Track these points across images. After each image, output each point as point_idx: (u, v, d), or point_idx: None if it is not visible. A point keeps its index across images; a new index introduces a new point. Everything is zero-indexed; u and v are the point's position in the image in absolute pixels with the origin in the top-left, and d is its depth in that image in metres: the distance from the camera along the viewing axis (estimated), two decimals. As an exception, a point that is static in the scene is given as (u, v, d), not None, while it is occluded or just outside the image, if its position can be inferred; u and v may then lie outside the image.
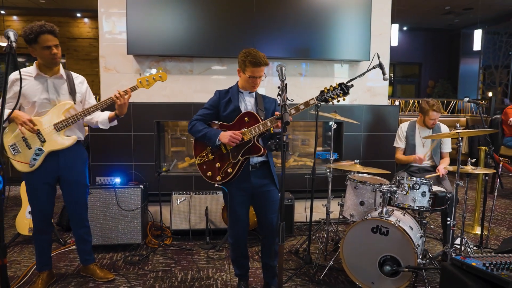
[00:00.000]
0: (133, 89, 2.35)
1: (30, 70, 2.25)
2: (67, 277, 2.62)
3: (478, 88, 10.21)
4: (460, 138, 2.40)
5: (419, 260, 2.31)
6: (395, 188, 2.51)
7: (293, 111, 2.02)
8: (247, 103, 2.25)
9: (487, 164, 3.68)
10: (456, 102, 8.48)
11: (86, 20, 9.89)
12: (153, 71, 2.34)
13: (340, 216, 3.05)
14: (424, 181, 2.49)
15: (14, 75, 2.19)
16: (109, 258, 2.95)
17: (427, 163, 3.19)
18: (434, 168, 3.16)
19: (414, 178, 2.51)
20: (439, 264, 2.70)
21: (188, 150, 3.92)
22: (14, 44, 1.55)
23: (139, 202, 3.09)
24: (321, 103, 2.04)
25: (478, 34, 6.82)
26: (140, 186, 3.11)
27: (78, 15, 9.62)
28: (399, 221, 2.38)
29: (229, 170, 2.16)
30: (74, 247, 3.12)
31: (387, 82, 3.85)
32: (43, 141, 2.22)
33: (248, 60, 2.11)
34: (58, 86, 2.28)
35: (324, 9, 3.51)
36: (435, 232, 3.58)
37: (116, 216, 3.04)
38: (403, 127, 3.34)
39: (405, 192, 2.49)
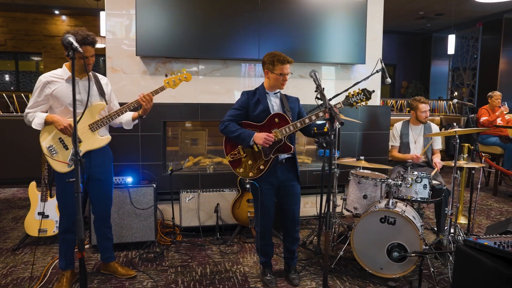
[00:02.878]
0: (162, 89, 2.45)
1: (59, 73, 2.29)
2: (88, 276, 2.66)
3: (448, 89, 10.88)
4: (456, 136, 2.68)
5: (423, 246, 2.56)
6: (400, 182, 2.76)
7: (321, 114, 2.23)
8: (273, 104, 2.44)
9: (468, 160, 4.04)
10: (429, 102, 9.02)
11: (64, 17, 9.65)
12: (180, 72, 2.46)
13: (344, 210, 3.27)
14: (425, 174, 2.76)
15: (45, 78, 2.24)
16: (124, 256, 3.01)
17: (421, 158, 3.47)
18: (427, 163, 3.45)
19: (416, 172, 2.77)
20: (436, 249, 2.98)
21: (181, 149, 3.99)
22: (80, 49, 1.62)
23: (152, 201, 3.16)
24: (346, 107, 2.23)
25: (451, 39, 7.32)
26: (153, 185, 3.19)
27: (56, 12, 9.37)
28: (404, 211, 2.62)
29: (261, 167, 2.35)
30: (85, 247, 3.15)
31: (379, 84, 4.12)
32: (79, 142, 2.27)
33: (276, 59, 2.32)
34: (87, 87, 2.32)
35: (325, 17, 3.73)
36: (426, 222, 3.89)
37: (130, 214, 3.11)
38: (397, 126, 3.61)
39: (409, 185, 2.74)
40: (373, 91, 2.19)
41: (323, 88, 1.99)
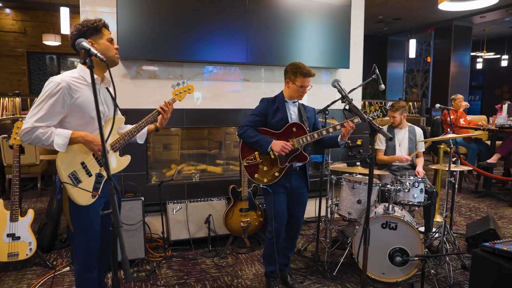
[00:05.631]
0: (173, 100, 2.17)
1: (82, 74, 1.79)
2: (76, 303, 2.40)
3: (403, 90, 11.49)
4: (451, 141, 2.78)
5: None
6: (399, 187, 2.81)
7: (338, 127, 2.24)
8: (292, 113, 2.45)
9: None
10: (386, 104, 9.45)
11: (8, 10, 8.77)
12: (184, 83, 2.23)
13: (336, 215, 3.27)
14: (420, 179, 2.83)
15: (65, 82, 1.70)
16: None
17: (408, 160, 3.58)
18: (411, 166, 3.56)
19: (412, 177, 2.84)
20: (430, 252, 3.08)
21: (153, 155, 3.77)
22: (101, 56, 1.37)
23: (140, 215, 2.94)
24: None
25: (413, 43, 7.71)
26: (141, 198, 2.97)
27: (-1, 4, 8.48)
28: (404, 216, 2.67)
29: (276, 174, 2.36)
30: (66, 269, 2.85)
31: (360, 89, 4.19)
32: (101, 165, 1.86)
33: (299, 72, 2.33)
34: (106, 98, 1.93)
35: (311, 22, 3.72)
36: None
37: (116, 231, 2.85)
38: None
39: (407, 190, 2.80)
40: (390, 108, 2.22)
41: (352, 99, 1.95)
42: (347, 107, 1.91)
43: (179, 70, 3.47)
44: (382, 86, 2.99)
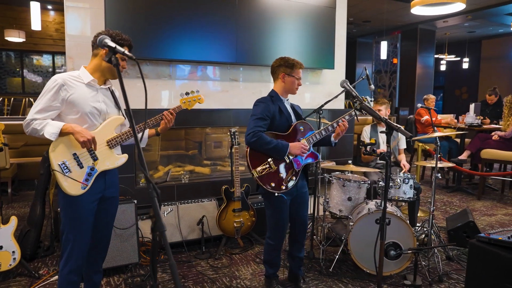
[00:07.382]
0: (179, 108, 2.24)
1: (80, 75, 1.93)
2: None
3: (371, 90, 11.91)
4: (437, 139, 2.93)
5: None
6: (390, 184, 2.92)
7: (347, 117, 2.32)
8: (290, 111, 2.40)
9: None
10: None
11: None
12: (195, 93, 2.31)
13: (326, 213, 3.35)
14: (410, 175, 2.96)
15: (61, 79, 1.85)
16: (106, 283, 2.66)
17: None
18: (395, 163, 3.72)
19: (402, 174, 2.96)
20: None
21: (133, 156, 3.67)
22: (128, 53, 1.36)
23: (133, 219, 2.85)
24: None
25: (384, 45, 8.02)
26: (134, 201, 2.87)
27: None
28: (396, 211, 2.78)
29: (293, 178, 2.28)
30: (53, 278, 2.71)
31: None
32: (95, 159, 1.93)
33: (295, 63, 2.32)
34: (107, 97, 2.01)
35: (298, 23, 3.78)
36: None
37: (109, 236, 2.75)
38: (367, 129, 3.82)
39: (398, 187, 2.92)
40: (375, 101, 2.29)
41: (362, 99, 2.00)
42: (358, 107, 1.96)
43: (168, 69, 3.40)
44: (372, 86, 3.10)
